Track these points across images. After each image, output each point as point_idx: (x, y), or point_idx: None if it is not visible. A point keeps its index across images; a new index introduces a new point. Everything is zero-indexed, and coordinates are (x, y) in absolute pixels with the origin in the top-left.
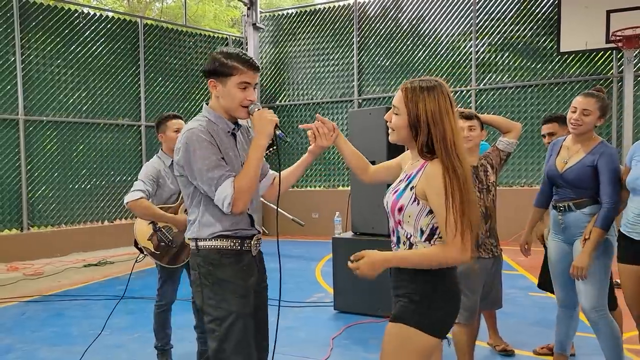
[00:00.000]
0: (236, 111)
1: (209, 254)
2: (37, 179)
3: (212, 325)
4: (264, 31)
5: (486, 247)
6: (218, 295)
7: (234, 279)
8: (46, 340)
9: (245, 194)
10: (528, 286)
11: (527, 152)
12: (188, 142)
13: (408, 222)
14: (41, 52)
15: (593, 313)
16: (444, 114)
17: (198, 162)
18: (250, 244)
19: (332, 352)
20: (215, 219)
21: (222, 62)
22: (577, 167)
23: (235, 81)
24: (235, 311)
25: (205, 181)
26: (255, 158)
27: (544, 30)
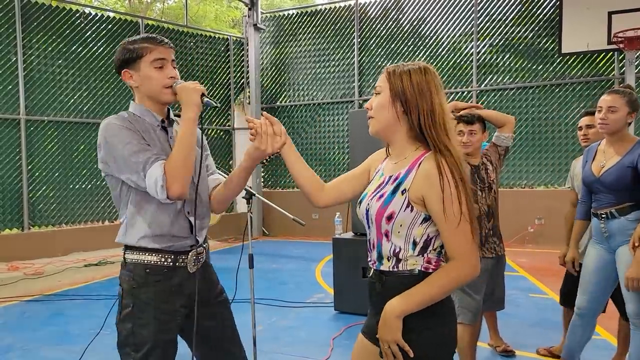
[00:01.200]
0: (160, 94)
1: (135, 270)
2: (38, 178)
3: (127, 349)
4: (264, 32)
5: (489, 246)
6: (137, 318)
7: (156, 303)
8: (47, 339)
9: (178, 173)
10: (529, 287)
11: (527, 153)
12: (105, 134)
13: (398, 233)
14: (42, 52)
15: (637, 319)
16: (432, 87)
17: (119, 150)
18: (185, 260)
19: (332, 353)
20: (142, 218)
21: (128, 48)
22: (615, 168)
23: (147, 61)
24: (153, 339)
25: (131, 168)
26: (184, 133)
27: (545, 32)
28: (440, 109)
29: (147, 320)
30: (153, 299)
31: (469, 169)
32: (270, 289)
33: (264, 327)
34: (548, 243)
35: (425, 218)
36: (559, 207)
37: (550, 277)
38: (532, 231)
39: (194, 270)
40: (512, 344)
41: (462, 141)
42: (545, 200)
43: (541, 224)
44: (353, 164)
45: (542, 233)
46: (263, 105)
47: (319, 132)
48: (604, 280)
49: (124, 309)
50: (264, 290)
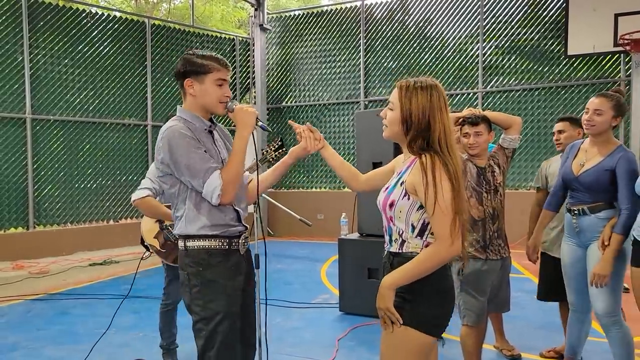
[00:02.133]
0: (215, 107)
1: (198, 254)
2: (44, 177)
3: (200, 324)
4: (270, 32)
5: (494, 248)
6: (206, 295)
7: (222, 279)
8: (52, 338)
9: (232, 184)
10: (533, 289)
11: (533, 155)
12: (170, 139)
13: (399, 218)
14: (49, 51)
15: (606, 318)
16: (436, 110)
17: (184, 157)
18: (238, 243)
19: (337, 354)
20: (202, 214)
21: (197, 62)
22: (593, 170)
23: (212, 78)
24: (222, 311)
25: (194, 175)
26: (240, 149)
27: (552, 33)
28: (442, 129)
29: (215, 295)
30: (219, 276)
31: (475, 170)
32: (275, 289)
33: (268, 327)
34: None
35: (421, 205)
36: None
37: None
38: None
39: (243, 252)
40: (518, 347)
41: (468, 143)
42: None
43: None
44: (360, 163)
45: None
46: (269, 106)
47: (324, 133)
48: (581, 275)
49: (192, 289)
50: (268, 291)
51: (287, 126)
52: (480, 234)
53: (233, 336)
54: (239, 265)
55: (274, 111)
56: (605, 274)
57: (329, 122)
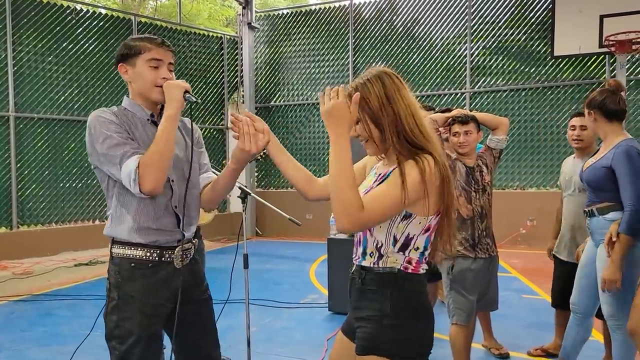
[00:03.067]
0: (150, 92)
1: (121, 264)
2: (27, 176)
3: (113, 342)
4: (259, 31)
5: (483, 247)
6: (122, 311)
7: (141, 296)
8: (36, 339)
9: (152, 168)
10: (521, 288)
11: (520, 155)
12: (90, 125)
13: (379, 228)
14: (32, 48)
15: (610, 321)
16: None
17: (100, 142)
18: (172, 255)
19: (326, 353)
20: (127, 212)
21: (129, 44)
22: (592, 167)
23: (144, 59)
24: (138, 332)
25: (110, 160)
26: (164, 131)
27: (538, 34)
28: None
29: (131, 313)
30: (138, 292)
31: (464, 169)
32: (264, 289)
33: (257, 328)
34: (540, 244)
35: (406, 215)
36: (550, 208)
37: (542, 278)
38: (524, 232)
39: (180, 265)
40: (506, 345)
41: (458, 142)
42: (537, 201)
43: (533, 225)
44: None
45: (534, 234)
46: (257, 105)
47: (313, 132)
48: (589, 276)
49: (110, 302)
50: (257, 291)
51: (276, 125)
52: (469, 233)
53: (151, 358)
54: (169, 280)
55: (262, 110)
56: (615, 279)
57: (317, 121)
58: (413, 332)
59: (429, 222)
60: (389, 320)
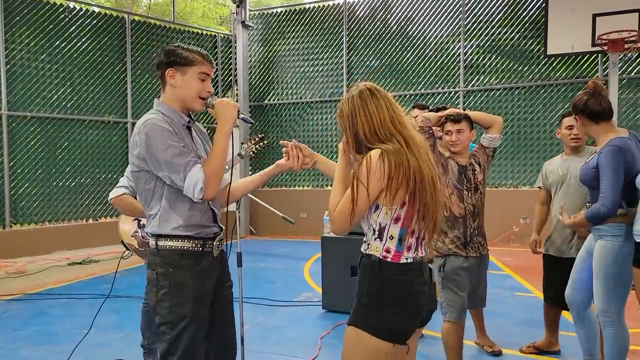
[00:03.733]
0: (193, 101)
1: (169, 255)
2: (20, 175)
3: (164, 327)
4: (252, 29)
5: (474, 245)
6: (173, 298)
7: (191, 283)
8: (29, 339)
9: (215, 179)
10: (514, 286)
11: (513, 153)
12: (148, 132)
13: (363, 219)
14: (25, 46)
15: (602, 317)
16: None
17: (163, 151)
18: (212, 245)
19: (320, 352)
20: (177, 214)
21: (182, 53)
22: (583, 167)
23: (195, 71)
24: (189, 316)
25: (173, 169)
26: (221, 143)
27: (531, 33)
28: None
29: (184, 299)
30: (189, 279)
31: (456, 167)
32: (258, 287)
33: (251, 326)
34: None
35: (376, 207)
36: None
37: (535, 275)
38: (517, 230)
39: (217, 254)
40: (498, 342)
41: (450, 140)
42: (530, 199)
43: (526, 224)
44: None
45: (527, 232)
46: (251, 103)
47: (307, 131)
48: (586, 270)
49: (159, 290)
50: (251, 289)
51: (270, 124)
52: (461, 231)
53: (197, 343)
54: (211, 268)
55: (256, 109)
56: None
57: (311, 120)
58: (386, 314)
59: (396, 212)
60: (366, 299)
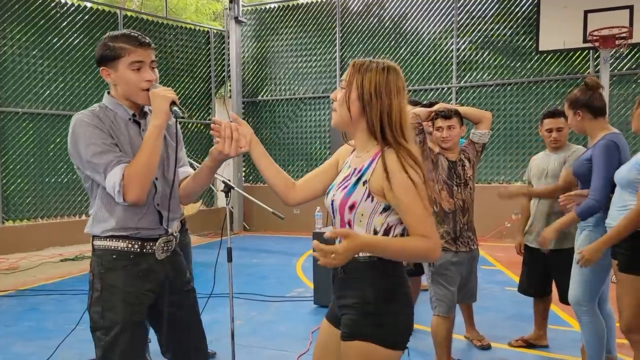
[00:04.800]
0: (137, 96)
1: (103, 255)
2: (12, 171)
3: (98, 333)
4: (246, 25)
5: (464, 240)
6: (106, 302)
7: (124, 286)
8: (21, 334)
9: (137, 180)
10: (505, 281)
11: (505, 149)
12: (73, 129)
13: (360, 222)
14: (17, 42)
15: (575, 307)
16: (392, 88)
17: (84, 149)
18: (153, 247)
19: (311, 346)
20: (110, 214)
21: (108, 45)
22: (578, 161)
23: (125, 62)
24: (122, 321)
25: (94, 168)
26: (149, 140)
27: (523, 30)
28: (398, 111)
29: (115, 303)
30: (121, 282)
31: (446, 163)
32: (250, 283)
33: (243, 321)
34: None
35: (385, 208)
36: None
37: None
38: (509, 226)
39: (162, 257)
40: (488, 337)
41: (441, 136)
42: None
43: (518, 219)
44: None
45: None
46: (244, 100)
47: (300, 127)
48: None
49: (93, 293)
50: (244, 285)
51: (263, 120)
52: (450, 226)
53: (135, 348)
54: (151, 271)
55: (249, 105)
56: (546, 236)
57: (305, 116)
58: (393, 317)
59: None
60: (371, 307)
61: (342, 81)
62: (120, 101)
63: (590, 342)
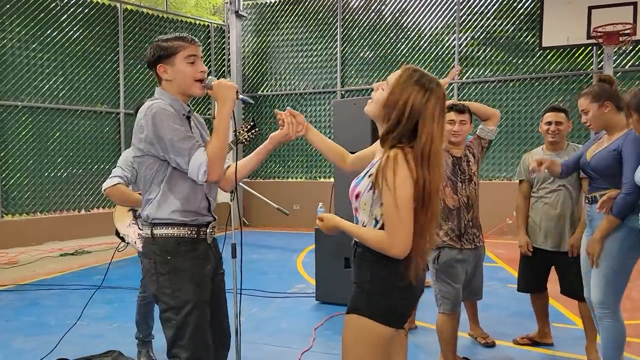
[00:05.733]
0: (191, 87)
1: (166, 243)
2: (12, 166)
3: (169, 313)
4: (246, 20)
5: (469, 237)
6: (175, 284)
7: (191, 268)
8: (21, 329)
9: (218, 161)
10: (507, 278)
11: (507, 145)
12: (155, 115)
13: (364, 210)
14: (16, 35)
15: (598, 308)
16: (427, 117)
17: (168, 133)
18: (205, 232)
19: (314, 343)
20: (176, 197)
21: (164, 45)
22: (602, 153)
23: (182, 57)
24: (192, 300)
25: (178, 152)
26: (223, 127)
27: (526, 26)
28: (430, 140)
29: (183, 284)
30: (189, 265)
31: (450, 159)
32: (251, 279)
33: (245, 317)
34: None
35: None
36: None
37: None
38: (511, 223)
39: (210, 241)
40: (492, 334)
41: (452, 130)
42: None
43: None
44: None
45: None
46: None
47: None
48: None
49: (159, 277)
50: (245, 281)
51: (263, 115)
52: (455, 223)
53: (204, 325)
54: (207, 253)
55: None
56: (593, 253)
57: (305, 111)
58: (387, 299)
59: None
60: (368, 286)
61: (386, 80)
62: (178, 97)
63: (608, 346)
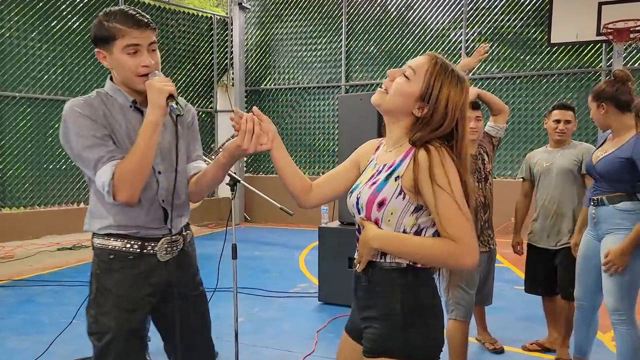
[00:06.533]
0: (133, 82)
1: (101, 255)
2: (9, 157)
3: (92, 338)
4: (249, 12)
5: (484, 239)
6: (99, 306)
7: (117, 290)
8: (15, 328)
9: (128, 179)
10: (513, 279)
11: (513, 143)
12: (64, 117)
13: (389, 221)
14: (15, 24)
15: (613, 315)
16: (462, 112)
17: (74, 141)
18: (154, 247)
19: (317, 346)
20: (107, 210)
21: (102, 24)
22: (608, 158)
23: (120, 45)
24: (114, 329)
25: (84, 163)
26: (142, 137)
27: (535, 22)
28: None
29: (108, 308)
30: (115, 286)
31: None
32: (252, 277)
33: (245, 318)
34: None
35: (417, 207)
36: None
37: None
38: None
39: (166, 259)
40: (500, 339)
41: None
42: None
43: None
44: (342, 150)
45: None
46: (247, 88)
47: (304, 117)
48: (594, 269)
49: (90, 295)
50: (245, 279)
51: (266, 109)
52: None
53: (131, 357)
54: (151, 274)
55: (252, 94)
56: (618, 264)
57: (308, 106)
58: (425, 330)
59: None
60: (400, 319)
61: (410, 68)
62: (120, 87)
63: (623, 353)
